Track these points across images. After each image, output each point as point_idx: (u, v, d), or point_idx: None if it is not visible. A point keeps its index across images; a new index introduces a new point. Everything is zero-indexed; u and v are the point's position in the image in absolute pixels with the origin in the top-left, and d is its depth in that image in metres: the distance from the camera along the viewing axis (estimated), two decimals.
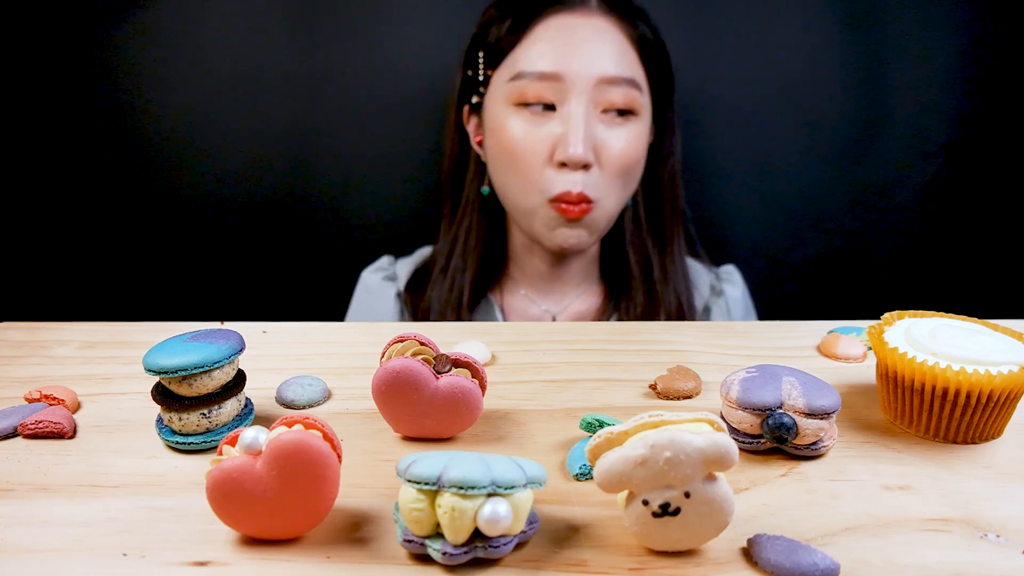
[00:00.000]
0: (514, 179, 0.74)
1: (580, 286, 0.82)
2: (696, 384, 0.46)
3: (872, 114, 0.95)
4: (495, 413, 0.43)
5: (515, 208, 0.75)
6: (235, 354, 0.38)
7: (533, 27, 0.72)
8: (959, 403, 0.38)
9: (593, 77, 0.70)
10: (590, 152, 0.70)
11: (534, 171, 0.72)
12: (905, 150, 0.96)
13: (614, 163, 0.72)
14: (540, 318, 0.81)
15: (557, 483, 0.36)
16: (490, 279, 0.82)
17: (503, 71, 0.73)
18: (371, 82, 0.93)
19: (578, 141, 0.69)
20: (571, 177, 0.70)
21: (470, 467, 0.29)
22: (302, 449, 0.30)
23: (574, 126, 0.69)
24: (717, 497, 0.29)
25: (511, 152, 0.73)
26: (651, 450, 0.28)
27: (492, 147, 0.75)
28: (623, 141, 0.72)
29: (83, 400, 0.44)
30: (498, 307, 0.81)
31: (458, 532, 0.29)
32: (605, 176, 0.72)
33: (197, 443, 0.38)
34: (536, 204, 0.73)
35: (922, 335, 0.41)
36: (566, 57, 0.70)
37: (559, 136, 0.70)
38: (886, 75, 0.94)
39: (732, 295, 0.84)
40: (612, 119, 0.72)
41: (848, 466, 0.38)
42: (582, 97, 0.70)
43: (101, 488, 0.35)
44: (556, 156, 0.70)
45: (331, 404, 0.44)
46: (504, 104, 0.73)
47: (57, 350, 0.51)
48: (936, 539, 0.32)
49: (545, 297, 0.81)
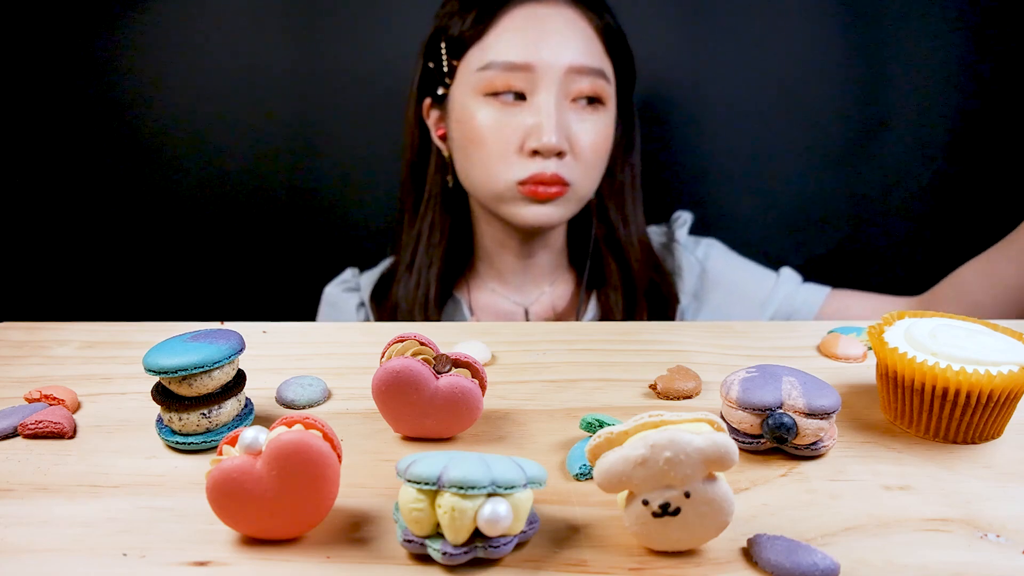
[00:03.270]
0: (482, 168, 0.73)
1: (550, 278, 0.82)
2: (696, 384, 0.46)
3: (872, 114, 0.95)
4: (495, 413, 0.43)
5: (484, 195, 0.75)
6: (235, 354, 0.38)
7: (500, 17, 0.72)
8: (959, 403, 0.38)
9: (563, 67, 0.71)
10: (564, 140, 0.71)
11: (503, 159, 0.72)
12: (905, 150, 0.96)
13: (587, 151, 0.73)
14: (512, 313, 0.81)
15: (557, 483, 0.36)
16: (455, 276, 0.82)
17: (470, 61, 0.73)
18: (371, 80, 0.93)
19: (552, 130, 0.70)
20: (545, 163, 0.71)
21: (470, 467, 0.29)
22: (302, 449, 0.30)
23: (547, 116, 0.70)
24: (717, 497, 0.29)
25: (480, 141, 0.72)
26: (651, 450, 0.28)
27: (459, 137, 0.75)
28: (593, 130, 0.73)
29: (83, 400, 0.44)
30: (466, 304, 0.81)
31: (458, 532, 0.29)
32: (579, 164, 0.73)
33: (197, 443, 0.38)
34: (503, 188, 0.73)
35: (922, 335, 0.41)
36: (536, 47, 0.70)
37: (531, 126, 0.71)
38: (886, 75, 0.94)
39: (779, 294, 0.84)
40: (582, 108, 0.73)
41: (848, 466, 0.38)
42: (553, 87, 0.71)
43: (101, 488, 0.35)
44: (528, 145, 0.71)
45: (331, 404, 0.44)
46: (472, 94, 0.73)
47: (57, 350, 0.51)
48: (936, 539, 0.32)
49: (516, 291, 0.81)
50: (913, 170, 0.97)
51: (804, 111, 0.95)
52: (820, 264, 0.99)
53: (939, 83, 0.94)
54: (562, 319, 0.80)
